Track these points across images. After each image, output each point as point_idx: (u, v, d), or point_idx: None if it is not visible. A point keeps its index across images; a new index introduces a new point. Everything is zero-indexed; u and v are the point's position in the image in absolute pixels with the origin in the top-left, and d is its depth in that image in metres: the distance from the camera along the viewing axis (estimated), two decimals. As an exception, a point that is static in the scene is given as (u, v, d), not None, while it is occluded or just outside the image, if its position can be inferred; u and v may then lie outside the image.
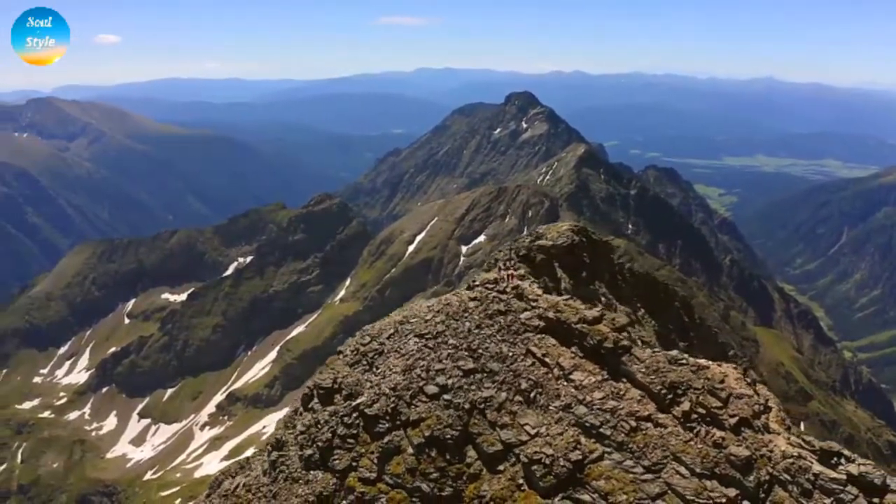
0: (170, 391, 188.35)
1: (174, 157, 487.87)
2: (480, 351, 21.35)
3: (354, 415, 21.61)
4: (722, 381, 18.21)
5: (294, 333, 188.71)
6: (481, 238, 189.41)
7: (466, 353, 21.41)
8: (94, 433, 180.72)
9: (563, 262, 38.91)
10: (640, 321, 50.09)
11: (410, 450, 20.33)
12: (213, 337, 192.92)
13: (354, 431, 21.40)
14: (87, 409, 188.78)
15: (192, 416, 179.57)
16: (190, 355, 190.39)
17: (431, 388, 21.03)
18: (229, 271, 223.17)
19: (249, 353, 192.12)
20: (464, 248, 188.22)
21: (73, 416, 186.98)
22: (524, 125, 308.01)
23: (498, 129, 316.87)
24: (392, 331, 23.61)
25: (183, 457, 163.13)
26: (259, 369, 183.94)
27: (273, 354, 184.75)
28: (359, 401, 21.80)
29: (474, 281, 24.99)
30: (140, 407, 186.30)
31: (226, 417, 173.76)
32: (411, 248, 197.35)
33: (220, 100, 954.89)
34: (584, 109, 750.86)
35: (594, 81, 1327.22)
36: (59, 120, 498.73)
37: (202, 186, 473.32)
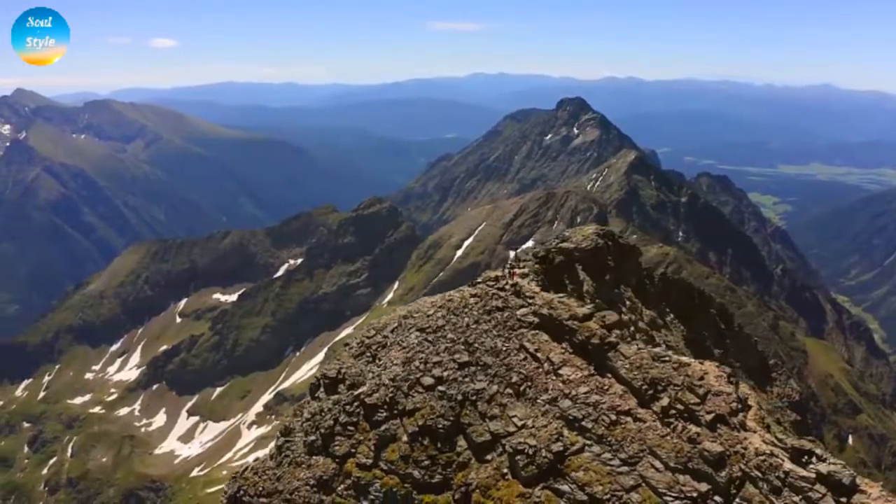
0: (219, 390, 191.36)
1: (230, 159, 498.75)
2: (476, 345, 22.05)
3: (356, 404, 22.57)
4: (701, 379, 18.51)
5: (342, 335, 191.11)
6: (529, 243, 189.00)
7: (463, 347, 22.15)
8: (143, 429, 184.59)
9: (586, 264, 39.10)
10: (667, 326, 49.91)
11: (405, 438, 21.17)
12: (262, 337, 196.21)
13: (355, 419, 22.34)
14: (137, 406, 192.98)
15: (240, 414, 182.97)
16: (239, 355, 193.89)
17: (427, 380, 21.85)
18: (280, 273, 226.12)
19: (298, 353, 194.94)
20: (511, 254, 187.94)
21: (123, 412, 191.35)
22: (575, 131, 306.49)
23: (549, 135, 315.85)
24: (396, 325, 24.54)
25: (230, 454, 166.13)
26: (307, 370, 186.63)
27: (321, 355, 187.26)
28: (360, 390, 22.75)
29: (477, 278, 25.71)
30: (189, 405, 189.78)
31: (273, 417, 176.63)
32: (459, 252, 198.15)
33: (275, 104, 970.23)
34: (637, 115, 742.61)
35: (648, 87, 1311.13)
36: (117, 122, 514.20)
37: (257, 189, 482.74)
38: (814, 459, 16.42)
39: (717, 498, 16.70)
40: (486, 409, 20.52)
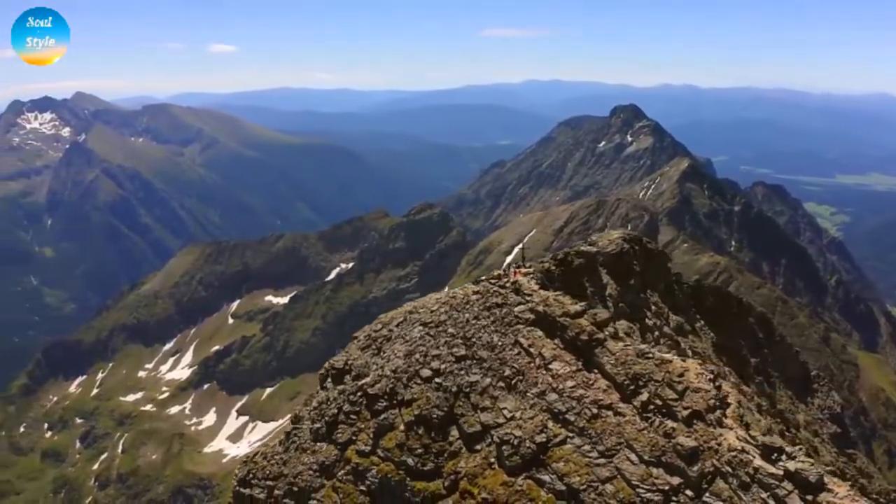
0: (268, 390, 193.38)
1: (285, 164, 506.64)
2: (474, 340, 22.81)
3: (359, 393, 23.62)
4: (681, 375, 18.86)
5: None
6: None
7: (461, 342, 22.95)
8: (193, 428, 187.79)
9: (611, 268, 39.40)
10: (695, 332, 49.74)
11: (402, 427, 22.09)
12: (312, 339, 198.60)
13: (357, 409, 23.39)
14: (187, 405, 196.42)
15: (289, 415, 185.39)
16: (289, 356, 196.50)
17: (426, 372, 22.73)
18: (331, 276, 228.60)
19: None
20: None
21: (174, 410, 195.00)
22: (629, 138, 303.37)
23: (602, 143, 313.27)
24: (401, 319, 25.51)
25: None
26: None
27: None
28: (364, 381, 23.78)
29: (481, 277, 26.48)
30: (239, 404, 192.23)
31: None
32: (509, 258, 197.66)
33: (330, 109, 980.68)
34: (692, 123, 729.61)
35: (704, 95, 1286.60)
36: (174, 126, 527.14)
37: (311, 194, 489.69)
38: (783, 457, 16.66)
39: (688, 492, 17.07)
40: (478, 401, 21.27)
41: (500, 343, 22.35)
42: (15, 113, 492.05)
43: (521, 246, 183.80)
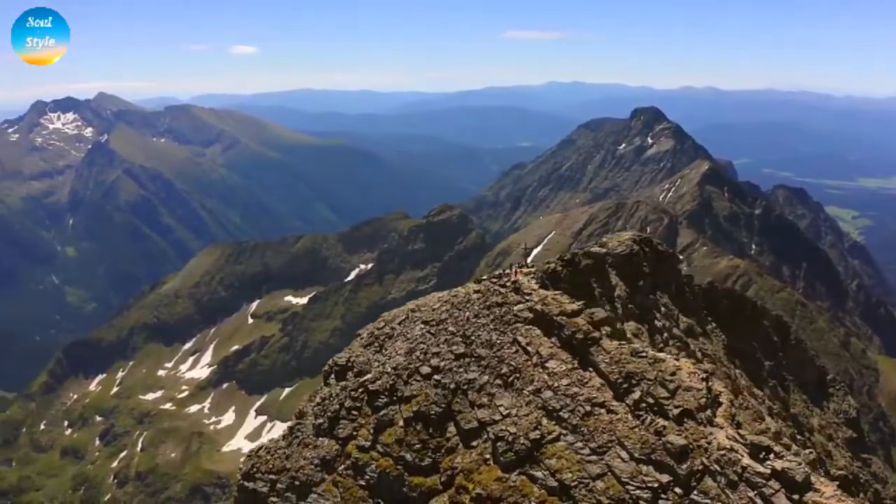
0: (287, 390, 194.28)
1: (306, 165, 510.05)
2: (473, 338, 23.11)
3: (360, 390, 24.04)
4: (673, 374, 19.01)
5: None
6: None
7: (460, 339, 23.26)
8: (212, 427, 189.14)
9: (620, 270, 39.49)
10: (706, 334, 49.64)
11: (401, 423, 22.46)
12: (331, 340, 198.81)
13: (358, 405, 23.81)
14: (206, 404, 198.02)
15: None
16: (308, 356, 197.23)
17: (425, 369, 23.07)
18: (350, 277, 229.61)
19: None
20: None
21: (193, 409, 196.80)
22: (649, 141, 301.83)
23: (623, 145, 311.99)
24: (404, 317, 25.87)
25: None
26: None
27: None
28: (365, 378, 24.19)
29: (483, 276, 26.78)
30: (258, 404, 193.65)
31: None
32: (528, 260, 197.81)
33: (351, 111, 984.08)
34: (714, 126, 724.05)
35: (726, 97, 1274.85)
36: (196, 127, 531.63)
37: (331, 195, 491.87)
38: (771, 456, 16.77)
39: (676, 489, 17.23)
40: (475, 398, 21.58)
41: (498, 341, 22.63)
42: (38, 113, 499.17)
43: (523, 245, 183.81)
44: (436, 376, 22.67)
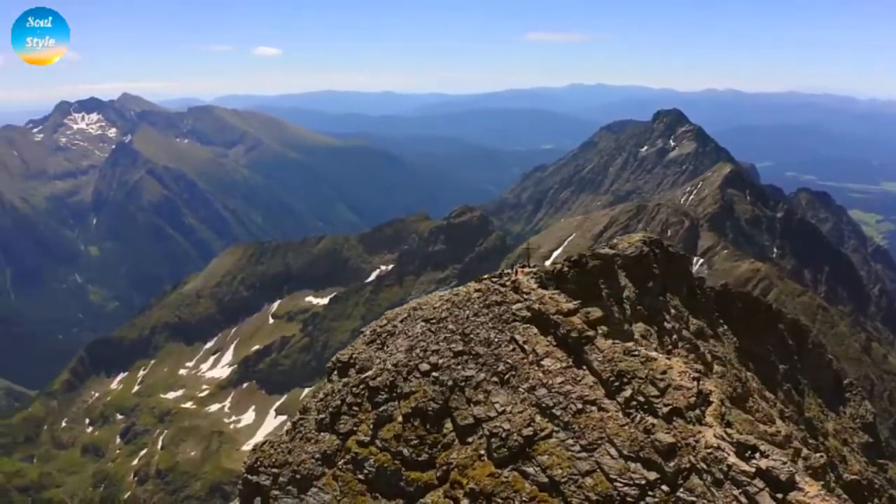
0: (307, 390, 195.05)
1: (328, 166, 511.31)
2: (472, 336, 23.46)
3: (361, 386, 24.52)
4: (664, 373, 19.20)
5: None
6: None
7: (459, 338, 23.63)
8: (232, 426, 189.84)
9: (630, 271, 39.57)
10: (717, 336, 49.52)
11: (399, 418, 22.89)
12: (351, 340, 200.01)
13: (359, 400, 24.29)
14: (227, 403, 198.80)
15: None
16: (328, 357, 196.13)
17: (425, 366, 23.50)
18: (371, 278, 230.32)
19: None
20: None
21: (213, 408, 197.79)
22: (671, 143, 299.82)
23: (645, 147, 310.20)
24: (405, 315, 26.32)
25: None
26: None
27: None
28: (366, 374, 24.65)
29: (484, 275, 27.09)
30: (278, 403, 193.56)
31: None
32: (548, 262, 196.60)
33: (373, 112, 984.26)
34: (736, 128, 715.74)
35: (748, 100, 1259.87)
36: (219, 127, 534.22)
37: (353, 196, 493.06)
38: (757, 455, 16.91)
39: (663, 487, 17.44)
40: (472, 395, 21.94)
41: (496, 339, 22.96)
42: (62, 113, 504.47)
43: (525, 245, 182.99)
44: (434, 373, 23.07)
